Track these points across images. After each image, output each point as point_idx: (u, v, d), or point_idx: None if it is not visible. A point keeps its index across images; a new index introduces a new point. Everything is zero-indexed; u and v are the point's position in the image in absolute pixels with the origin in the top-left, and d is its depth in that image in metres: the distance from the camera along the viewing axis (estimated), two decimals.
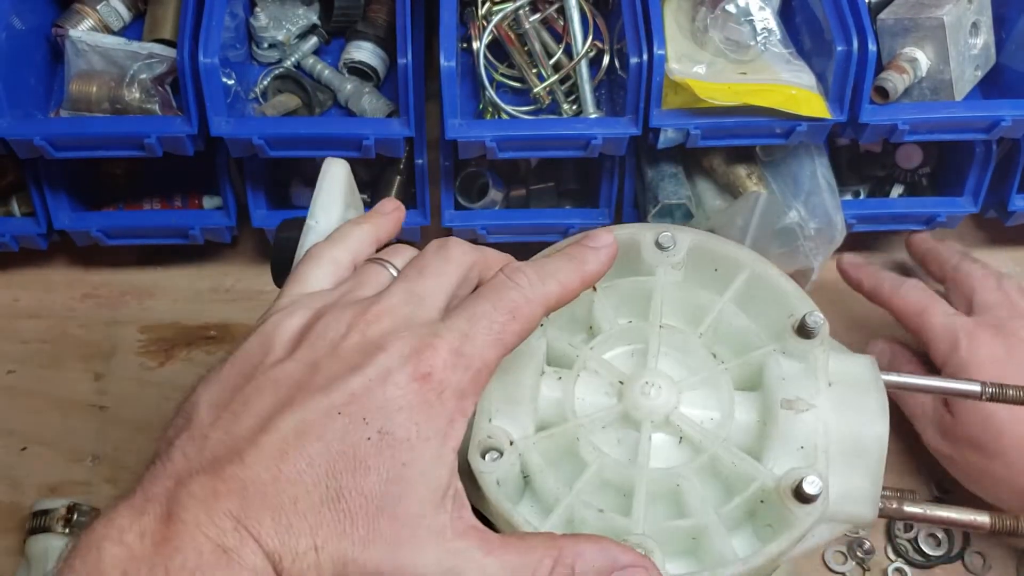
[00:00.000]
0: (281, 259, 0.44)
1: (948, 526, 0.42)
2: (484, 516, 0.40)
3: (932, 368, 0.63)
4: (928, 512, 0.43)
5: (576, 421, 0.41)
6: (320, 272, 0.40)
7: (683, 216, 0.70)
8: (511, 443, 0.40)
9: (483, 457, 0.39)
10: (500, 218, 0.73)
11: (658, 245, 0.45)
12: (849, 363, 0.43)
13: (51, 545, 0.62)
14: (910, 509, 0.42)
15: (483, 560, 0.34)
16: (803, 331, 0.42)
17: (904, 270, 0.79)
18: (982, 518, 0.42)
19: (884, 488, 0.41)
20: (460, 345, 0.35)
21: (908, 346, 0.68)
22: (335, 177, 0.45)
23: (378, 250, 0.43)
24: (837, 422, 0.41)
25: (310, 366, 0.35)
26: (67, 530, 0.62)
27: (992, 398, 0.44)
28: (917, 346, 0.66)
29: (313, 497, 0.32)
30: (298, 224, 0.45)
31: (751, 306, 0.44)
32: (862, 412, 0.41)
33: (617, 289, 0.45)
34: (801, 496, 0.38)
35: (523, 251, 0.75)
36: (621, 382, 0.42)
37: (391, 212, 0.44)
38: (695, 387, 0.42)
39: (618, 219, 0.74)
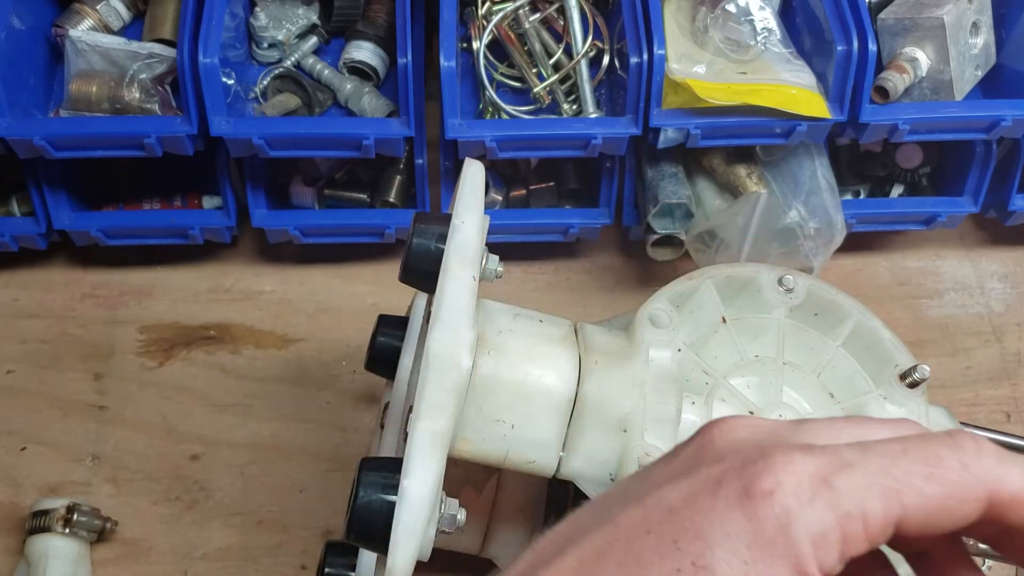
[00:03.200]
0: (421, 253, 0.43)
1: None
2: None
3: None
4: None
5: None
6: None
7: (683, 216, 0.70)
8: None
9: None
10: (500, 218, 0.73)
11: (782, 285, 0.47)
12: (931, 411, 0.46)
13: (51, 545, 0.62)
14: (981, 547, 0.45)
15: None
16: (910, 382, 0.45)
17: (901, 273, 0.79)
18: None
19: None
20: (830, 473, 0.25)
21: None
22: (476, 177, 0.45)
23: None
24: None
25: (641, 477, 0.29)
26: (67, 530, 0.62)
27: None
28: None
29: None
30: (436, 219, 0.44)
31: (852, 351, 0.47)
32: None
33: (742, 323, 0.47)
34: None
35: (523, 251, 0.76)
36: (751, 412, 0.44)
37: None
38: None
39: (618, 219, 0.74)
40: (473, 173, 0.46)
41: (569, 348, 0.44)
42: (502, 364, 0.42)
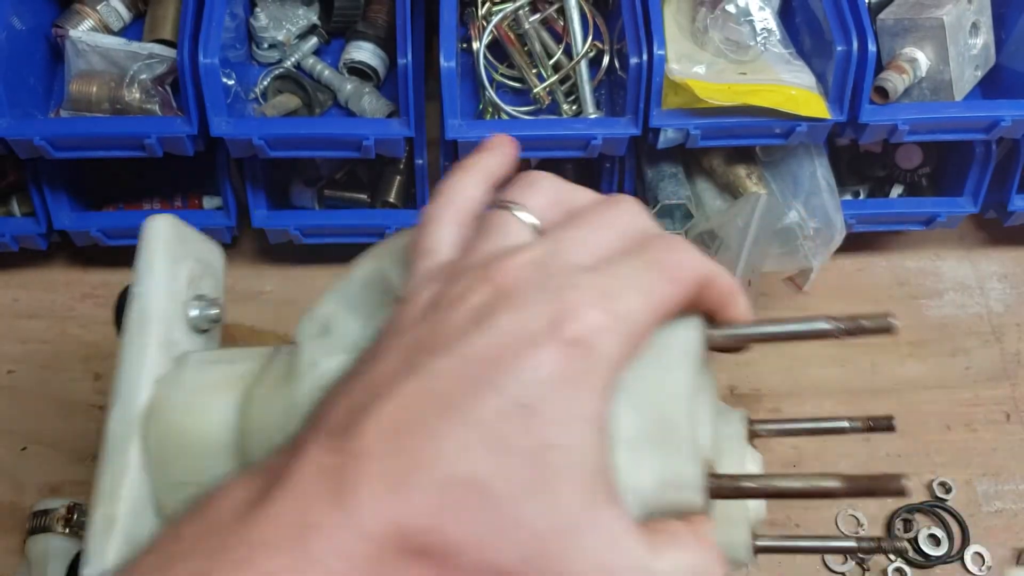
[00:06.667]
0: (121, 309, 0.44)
1: (796, 497, 0.33)
2: None
3: None
4: (769, 485, 0.32)
5: None
6: (445, 235, 0.33)
7: (683, 216, 0.70)
8: None
9: None
10: None
11: None
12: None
13: (51, 545, 0.62)
14: (747, 485, 0.32)
15: (651, 562, 0.28)
16: None
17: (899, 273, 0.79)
18: (830, 483, 0.31)
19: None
20: (610, 303, 0.28)
21: None
22: (158, 236, 0.45)
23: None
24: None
25: (431, 324, 0.29)
26: (67, 530, 0.62)
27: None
28: None
29: (436, 476, 0.27)
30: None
31: None
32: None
33: None
34: None
35: None
36: None
37: (497, 147, 0.36)
38: None
39: None
40: (154, 231, 0.45)
41: (234, 386, 0.40)
42: (168, 426, 0.40)
